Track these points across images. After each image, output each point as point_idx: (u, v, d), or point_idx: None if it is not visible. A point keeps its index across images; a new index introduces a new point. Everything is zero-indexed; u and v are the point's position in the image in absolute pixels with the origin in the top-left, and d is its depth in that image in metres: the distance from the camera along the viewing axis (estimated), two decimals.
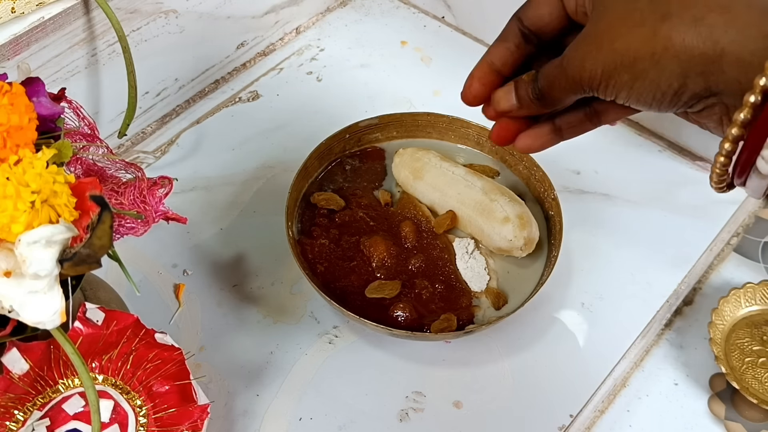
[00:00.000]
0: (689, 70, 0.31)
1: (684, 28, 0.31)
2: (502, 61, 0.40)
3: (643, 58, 0.32)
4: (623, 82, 0.33)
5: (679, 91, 0.32)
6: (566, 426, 0.49)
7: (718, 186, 0.34)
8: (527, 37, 0.39)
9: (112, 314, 0.42)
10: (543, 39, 0.39)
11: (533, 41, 0.39)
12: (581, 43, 0.35)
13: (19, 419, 0.40)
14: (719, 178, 0.33)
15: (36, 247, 0.29)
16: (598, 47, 0.33)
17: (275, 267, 0.56)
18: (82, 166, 0.39)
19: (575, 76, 0.35)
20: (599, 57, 0.33)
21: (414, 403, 0.50)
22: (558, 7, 0.37)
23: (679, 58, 0.31)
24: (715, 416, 0.50)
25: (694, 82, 0.31)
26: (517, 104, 0.39)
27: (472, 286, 0.52)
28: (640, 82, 0.33)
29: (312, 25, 0.76)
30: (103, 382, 0.42)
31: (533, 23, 0.38)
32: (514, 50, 0.40)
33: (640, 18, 0.32)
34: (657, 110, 0.34)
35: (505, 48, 0.40)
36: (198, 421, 0.41)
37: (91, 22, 0.55)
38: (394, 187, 0.58)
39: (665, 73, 0.32)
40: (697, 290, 0.57)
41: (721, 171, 0.33)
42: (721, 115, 0.32)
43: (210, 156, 0.64)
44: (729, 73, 0.30)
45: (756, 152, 0.30)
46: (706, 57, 0.30)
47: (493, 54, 0.40)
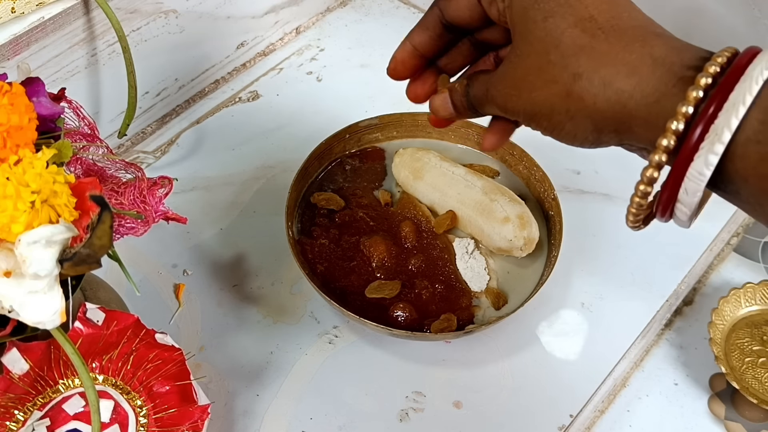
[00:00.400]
0: (602, 129, 0.33)
1: (594, 91, 0.32)
2: (424, 47, 0.41)
3: (559, 112, 0.33)
4: (544, 126, 0.35)
5: (595, 141, 0.34)
6: (566, 426, 0.49)
7: (634, 225, 0.35)
8: (447, 27, 0.40)
9: (113, 314, 0.42)
10: (464, 32, 0.40)
11: (453, 31, 0.40)
12: (502, 84, 0.36)
13: (20, 419, 0.40)
14: (635, 218, 0.34)
15: (36, 247, 0.29)
16: (518, 94, 0.35)
17: (275, 267, 0.56)
18: (82, 166, 0.39)
19: (502, 109, 0.36)
20: (519, 101, 0.35)
21: (414, 403, 0.50)
22: (478, 11, 0.38)
23: (592, 118, 0.32)
24: (715, 416, 0.50)
25: (608, 137, 0.33)
26: (455, 113, 0.40)
27: (472, 286, 0.52)
28: (558, 131, 0.34)
29: (312, 25, 0.76)
30: (103, 382, 0.42)
31: (453, 18, 0.39)
32: (435, 38, 0.41)
33: (553, 74, 0.33)
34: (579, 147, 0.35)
35: (427, 35, 0.41)
36: (198, 421, 0.41)
37: (91, 22, 0.55)
38: (394, 187, 0.58)
39: (581, 127, 0.33)
40: (697, 290, 0.57)
41: (637, 211, 0.34)
42: (637, 150, 0.34)
43: (210, 156, 0.64)
44: (639, 132, 0.31)
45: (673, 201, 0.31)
46: (616, 119, 0.32)
47: (415, 38, 0.41)
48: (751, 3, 0.54)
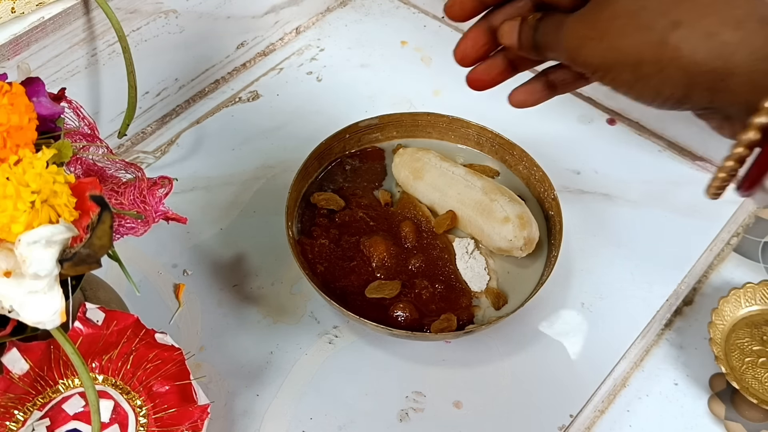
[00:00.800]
0: (695, 84, 0.30)
1: (695, 41, 0.29)
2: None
3: (647, 63, 0.31)
4: (623, 79, 0.32)
5: (681, 100, 0.31)
6: (566, 426, 0.49)
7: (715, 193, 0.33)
8: None
9: (113, 314, 0.42)
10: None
11: None
12: (581, 25, 0.33)
13: (19, 419, 0.40)
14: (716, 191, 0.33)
15: (36, 247, 0.29)
16: (599, 37, 0.32)
17: (275, 267, 0.56)
18: (82, 166, 0.39)
19: (571, 56, 0.33)
20: (599, 48, 0.32)
21: (414, 403, 0.50)
22: None
23: (686, 71, 0.30)
24: (715, 416, 0.50)
25: (699, 95, 0.30)
26: (516, 45, 0.37)
27: (472, 286, 0.52)
28: (642, 84, 0.31)
29: (312, 25, 0.76)
30: (103, 382, 0.42)
31: None
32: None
33: (648, 20, 0.30)
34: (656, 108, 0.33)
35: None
36: (198, 421, 0.41)
37: (91, 22, 0.55)
38: (394, 187, 0.58)
39: (669, 82, 0.31)
40: (697, 290, 0.57)
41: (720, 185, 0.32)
42: (721, 121, 0.32)
43: (210, 156, 0.64)
44: (737, 92, 0.29)
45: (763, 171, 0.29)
46: (715, 73, 0.29)
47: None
48: None
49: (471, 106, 0.56)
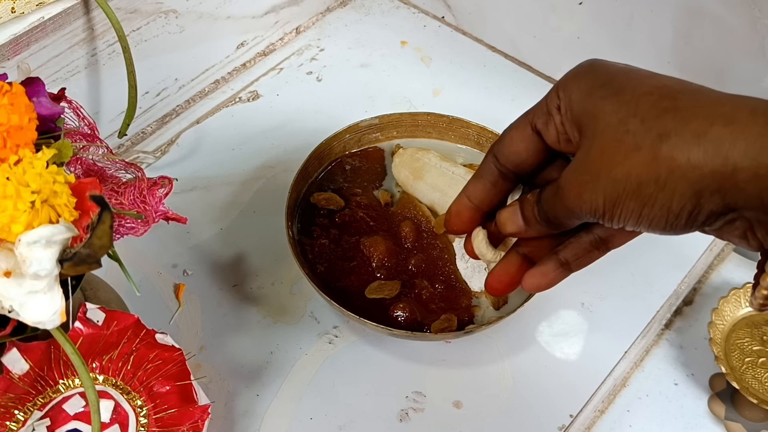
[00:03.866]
0: (703, 190, 0.28)
1: (687, 146, 0.28)
2: (479, 199, 0.38)
3: (647, 183, 0.29)
4: (630, 209, 0.30)
5: (693, 212, 0.29)
6: (566, 426, 0.49)
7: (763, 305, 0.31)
8: (504, 174, 0.37)
9: (113, 314, 0.42)
10: (521, 174, 0.37)
11: (511, 178, 0.37)
12: (575, 173, 0.32)
13: (20, 419, 0.40)
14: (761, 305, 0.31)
15: (36, 247, 0.29)
16: (594, 177, 0.31)
17: (275, 267, 0.56)
18: (82, 166, 0.39)
19: (574, 208, 0.32)
20: (598, 187, 0.31)
21: (414, 403, 0.50)
22: (535, 141, 0.35)
23: (688, 179, 0.28)
24: (715, 416, 0.50)
25: (710, 201, 0.28)
26: (524, 226, 0.36)
27: (472, 286, 0.52)
28: (649, 208, 0.30)
29: (312, 25, 0.76)
30: (103, 382, 0.42)
31: (509, 161, 0.36)
32: (490, 188, 0.37)
33: (635, 141, 0.29)
34: (673, 233, 0.31)
35: (482, 185, 0.37)
36: (199, 421, 0.41)
37: (91, 22, 0.55)
38: (394, 187, 0.58)
39: (676, 196, 0.29)
40: (697, 290, 0.57)
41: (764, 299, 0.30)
42: (744, 230, 0.30)
43: (210, 156, 0.64)
44: (748, 190, 0.27)
45: None
46: (718, 174, 0.27)
47: (470, 191, 0.38)
48: (751, 3, 0.54)
49: (471, 106, 0.56)
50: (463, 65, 0.70)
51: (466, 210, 0.38)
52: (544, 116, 0.33)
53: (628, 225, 0.31)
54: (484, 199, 0.37)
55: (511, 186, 0.37)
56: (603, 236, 0.37)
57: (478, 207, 0.38)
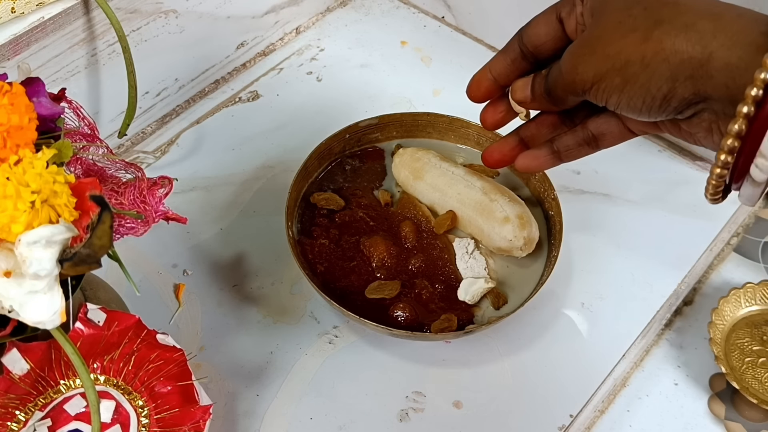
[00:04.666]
0: (678, 74, 0.32)
1: (675, 32, 0.32)
2: (498, 72, 0.43)
3: (633, 62, 0.33)
4: (614, 85, 0.34)
5: (668, 95, 0.33)
6: (566, 426, 0.49)
7: (713, 197, 0.35)
8: (525, 54, 0.41)
9: (114, 315, 0.42)
10: (539, 58, 0.41)
11: (530, 59, 0.41)
12: (577, 47, 0.36)
13: (21, 420, 0.40)
14: (715, 190, 0.34)
15: (36, 247, 0.29)
16: (591, 52, 0.35)
17: (275, 267, 0.56)
18: (82, 166, 0.39)
19: (569, 78, 0.36)
20: (591, 61, 0.35)
21: (414, 403, 0.50)
22: (556, 27, 0.39)
23: (669, 62, 0.32)
24: (715, 416, 0.50)
25: (683, 86, 0.32)
26: (530, 96, 0.41)
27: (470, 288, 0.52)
28: (630, 86, 0.33)
29: (312, 25, 0.76)
30: (104, 382, 0.42)
31: (531, 41, 0.40)
32: (510, 64, 0.42)
33: (633, 24, 0.33)
34: (647, 117, 0.34)
35: (503, 60, 0.42)
36: (200, 421, 0.41)
37: (91, 22, 0.55)
38: (394, 187, 0.58)
39: (655, 77, 0.32)
40: (697, 290, 0.57)
41: (717, 182, 0.33)
42: (710, 123, 0.33)
43: (210, 156, 0.64)
44: (717, 77, 0.31)
45: (750, 160, 0.31)
46: (694, 61, 0.31)
47: (492, 63, 0.43)
48: (751, 3, 0.54)
49: (471, 106, 0.56)
50: (463, 65, 0.70)
51: (486, 80, 0.43)
52: (569, 6, 0.38)
53: (609, 102, 0.35)
54: (502, 72, 0.42)
55: (529, 67, 0.42)
56: (595, 133, 0.41)
57: (496, 79, 0.43)
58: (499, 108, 0.44)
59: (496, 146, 0.46)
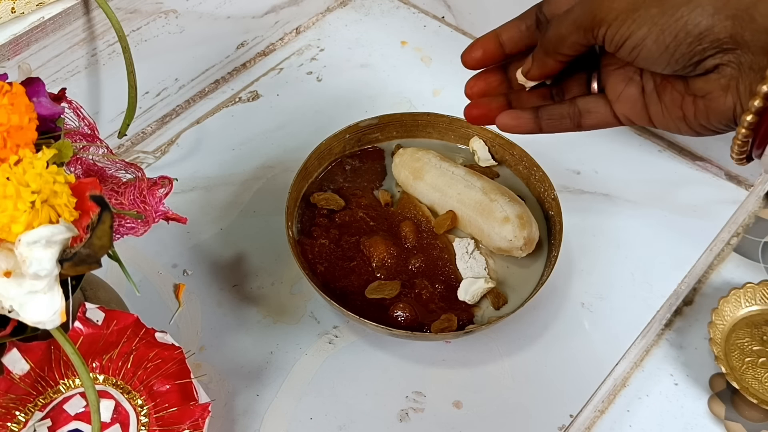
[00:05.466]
0: (722, 11, 0.30)
1: None
2: (508, 36, 0.41)
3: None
4: (649, 15, 0.32)
5: (703, 34, 0.31)
6: (566, 426, 0.49)
7: (739, 158, 0.34)
8: (540, 23, 0.40)
9: (112, 314, 0.42)
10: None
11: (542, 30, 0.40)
12: None
13: (21, 420, 0.40)
14: (740, 150, 0.33)
15: (36, 247, 0.29)
16: None
17: (275, 267, 0.56)
18: (82, 166, 0.39)
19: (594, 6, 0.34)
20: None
21: (414, 403, 0.50)
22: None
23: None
24: (715, 416, 0.50)
25: (722, 25, 0.30)
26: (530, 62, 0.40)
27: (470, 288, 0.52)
28: (668, 17, 0.31)
29: (312, 25, 0.76)
30: (103, 382, 0.42)
31: (550, 10, 0.39)
32: (523, 30, 0.41)
33: None
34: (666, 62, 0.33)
35: (517, 26, 0.41)
36: (199, 419, 0.41)
37: (91, 22, 0.55)
38: (394, 187, 0.58)
39: (697, 10, 0.31)
40: (697, 290, 0.57)
41: (742, 143, 0.32)
42: (729, 80, 0.32)
43: (210, 156, 0.64)
44: (759, 21, 0.30)
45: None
46: (742, 1, 0.30)
47: (504, 28, 0.42)
48: None
49: None
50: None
51: (492, 42, 0.42)
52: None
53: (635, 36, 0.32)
54: (511, 37, 0.41)
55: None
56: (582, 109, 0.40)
57: (502, 44, 0.42)
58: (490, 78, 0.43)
59: (482, 102, 0.44)
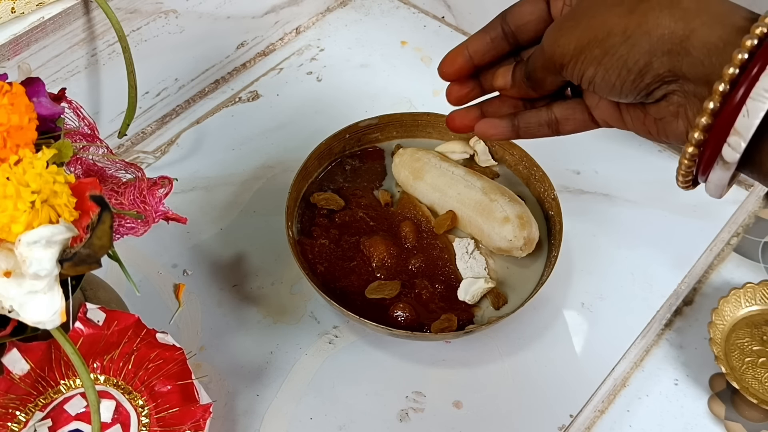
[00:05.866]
0: (657, 48, 0.32)
1: (659, 8, 0.32)
2: (475, 49, 0.42)
3: (615, 34, 0.33)
4: (593, 57, 0.34)
5: (643, 70, 0.33)
6: (566, 426, 0.49)
7: (685, 181, 0.35)
8: (506, 34, 0.41)
9: (113, 314, 0.42)
10: (520, 40, 0.41)
11: (510, 40, 0.41)
12: (560, 21, 0.36)
13: (21, 420, 0.40)
14: (686, 172, 0.34)
15: (36, 247, 0.29)
16: (575, 24, 0.35)
17: (275, 267, 0.56)
18: (82, 166, 0.39)
19: (550, 51, 0.36)
20: (574, 33, 0.35)
21: (414, 403, 0.50)
22: (541, 8, 0.39)
23: (650, 35, 0.32)
24: (715, 416, 0.50)
25: (660, 61, 0.32)
26: (510, 82, 0.41)
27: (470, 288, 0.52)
28: (609, 58, 0.33)
29: (312, 25, 0.76)
30: (104, 382, 0.42)
31: (514, 20, 0.40)
32: (488, 42, 0.41)
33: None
34: (619, 95, 0.34)
35: (482, 38, 0.41)
36: (200, 420, 0.41)
37: (91, 22, 0.55)
38: (394, 187, 0.58)
39: (634, 49, 0.33)
40: (697, 290, 0.57)
41: (689, 162, 0.33)
42: (678, 106, 0.33)
43: (210, 156, 0.64)
44: (695, 54, 0.31)
45: (722, 141, 0.31)
46: (674, 36, 0.32)
47: (471, 40, 0.42)
48: (751, 3, 0.54)
49: None
50: None
51: (461, 56, 0.42)
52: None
53: (586, 75, 0.35)
54: (479, 50, 0.42)
55: (508, 48, 0.41)
56: (559, 117, 0.41)
57: (471, 57, 0.42)
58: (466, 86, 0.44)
59: (461, 112, 0.45)
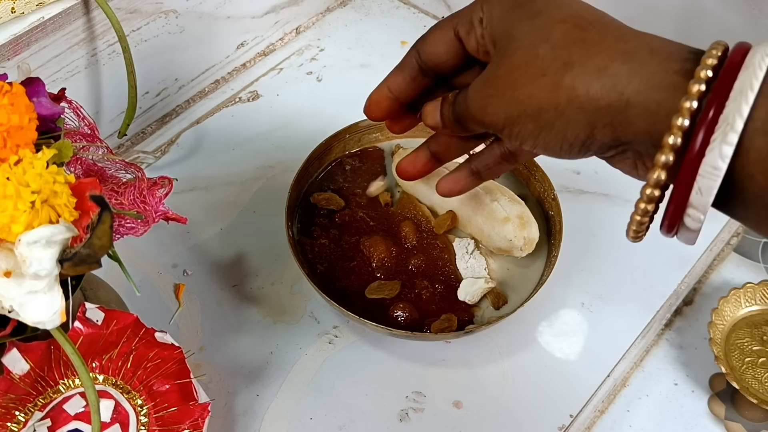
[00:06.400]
0: (596, 121, 0.30)
1: (587, 78, 0.29)
2: (399, 90, 0.39)
3: (546, 109, 0.31)
4: (528, 131, 0.32)
5: (587, 142, 0.31)
6: (566, 426, 0.49)
7: (635, 237, 0.32)
8: (424, 71, 0.38)
9: (112, 314, 0.42)
10: (440, 74, 0.38)
11: (430, 75, 0.39)
12: (482, 86, 0.33)
13: (21, 420, 0.40)
14: (636, 232, 0.32)
15: (36, 247, 0.29)
16: (499, 93, 0.32)
17: (275, 267, 0.56)
18: (82, 166, 0.39)
19: (478, 118, 0.34)
20: (501, 104, 0.32)
21: (414, 403, 0.50)
22: (455, 46, 0.36)
23: (585, 109, 0.30)
24: (715, 416, 0.50)
25: (602, 132, 0.30)
26: (440, 123, 0.38)
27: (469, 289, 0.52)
28: (546, 133, 0.31)
29: (312, 25, 0.76)
30: (103, 381, 0.42)
31: (429, 59, 0.38)
32: (410, 81, 0.39)
33: (542, 66, 0.30)
34: (567, 158, 0.32)
35: (402, 78, 0.39)
36: (199, 419, 0.41)
37: (91, 22, 0.55)
38: (394, 187, 0.58)
39: (571, 125, 0.30)
40: (697, 290, 0.57)
41: (642, 219, 0.31)
42: (634, 160, 0.31)
43: (210, 156, 0.64)
44: (637, 124, 0.29)
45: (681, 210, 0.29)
46: (612, 108, 0.29)
47: (391, 81, 0.40)
48: (751, 3, 0.54)
49: None
50: None
51: (385, 99, 0.40)
52: (467, 25, 0.35)
53: (525, 145, 0.33)
54: (403, 91, 0.39)
55: (431, 83, 0.39)
56: (512, 149, 0.39)
57: (397, 98, 0.40)
58: (404, 120, 0.42)
59: (408, 161, 0.43)
